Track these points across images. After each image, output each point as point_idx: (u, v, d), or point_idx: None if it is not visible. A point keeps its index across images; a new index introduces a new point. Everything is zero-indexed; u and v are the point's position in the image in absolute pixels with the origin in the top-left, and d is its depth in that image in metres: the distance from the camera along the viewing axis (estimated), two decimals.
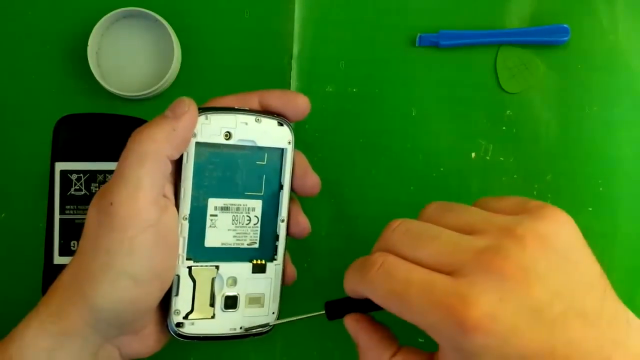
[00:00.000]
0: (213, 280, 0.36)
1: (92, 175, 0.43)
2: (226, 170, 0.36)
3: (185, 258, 0.35)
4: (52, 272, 0.43)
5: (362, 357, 0.34)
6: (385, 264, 0.30)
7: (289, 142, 0.37)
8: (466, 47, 0.45)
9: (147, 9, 0.43)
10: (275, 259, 0.38)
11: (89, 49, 0.43)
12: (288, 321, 0.37)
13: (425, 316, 0.28)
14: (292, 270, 0.40)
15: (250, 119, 0.36)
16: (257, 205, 0.37)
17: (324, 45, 0.45)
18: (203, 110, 0.35)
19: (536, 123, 0.45)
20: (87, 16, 0.44)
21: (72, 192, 0.43)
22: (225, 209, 0.36)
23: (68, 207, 0.43)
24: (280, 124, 0.36)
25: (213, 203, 0.36)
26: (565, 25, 0.44)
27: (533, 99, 0.45)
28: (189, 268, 0.35)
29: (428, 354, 0.32)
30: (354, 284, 0.33)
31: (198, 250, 0.36)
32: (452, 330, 0.27)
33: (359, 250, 0.43)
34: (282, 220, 0.38)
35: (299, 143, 0.38)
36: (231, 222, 0.36)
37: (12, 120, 0.45)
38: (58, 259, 0.43)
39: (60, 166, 0.43)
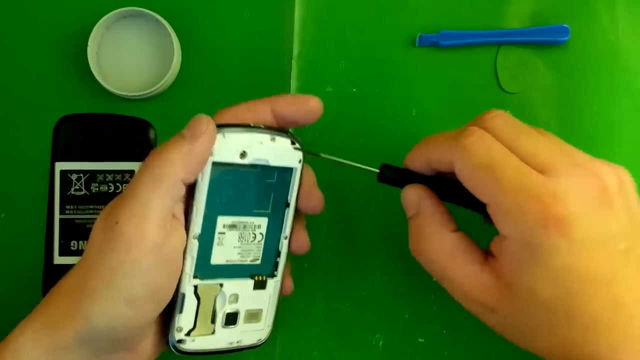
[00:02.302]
0: (216, 297, 0.36)
1: (92, 175, 0.43)
2: (237, 189, 0.35)
3: (192, 277, 0.34)
4: (52, 272, 0.43)
5: (418, 229, 0.34)
6: (485, 137, 0.31)
7: (300, 161, 0.36)
8: (466, 47, 0.45)
9: (147, 9, 0.43)
10: (275, 275, 0.38)
11: (89, 49, 0.43)
12: (335, 159, 0.36)
13: (512, 197, 0.29)
14: (289, 284, 0.39)
15: (265, 137, 0.34)
16: (263, 222, 0.36)
17: (324, 45, 0.45)
18: (220, 127, 0.33)
19: (536, 123, 0.44)
20: (87, 16, 0.44)
21: (72, 192, 0.43)
22: (233, 226, 0.35)
23: (68, 207, 0.43)
24: (293, 143, 0.36)
25: (222, 221, 0.35)
26: (565, 25, 0.44)
27: (533, 99, 0.45)
28: (195, 287, 0.35)
29: (480, 250, 0.32)
30: (440, 149, 0.32)
31: (204, 268, 0.35)
32: (534, 220, 0.28)
33: (359, 250, 0.44)
34: (285, 238, 0.37)
35: None
36: (237, 239, 0.36)
37: (12, 120, 0.45)
38: (58, 259, 0.43)
39: (60, 166, 0.43)
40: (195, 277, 0.34)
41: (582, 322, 0.28)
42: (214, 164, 0.33)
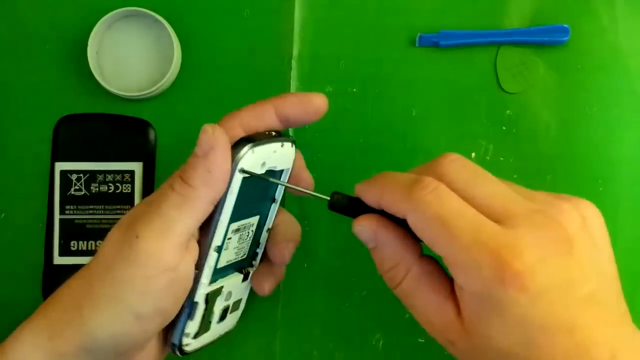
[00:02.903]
0: (217, 298, 0.36)
1: (92, 175, 0.43)
2: (247, 195, 0.34)
3: (207, 286, 0.34)
4: (52, 272, 0.43)
5: (380, 262, 0.32)
6: (439, 189, 0.29)
7: (293, 160, 0.37)
8: (466, 47, 0.45)
9: (147, 9, 0.43)
10: (253, 265, 0.38)
11: (89, 49, 0.43)
12: (295, 188, 0.36)
13: (466, 252, 0.28)
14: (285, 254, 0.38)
15: (277, 146, 0.35)
16: (255, 220, 0.37)
17: (324, 45, 0.45)
18: (248, 142, 0.33)
19: (536, 123, 0.45)
20: (87, 16, 0.44)
21: (72, 192, 0.43)
22: (237, 230, 0.35)
23: (68, 207, 0.43)
24: (292, 145, 0.36)
25: (232, 227, 0.35)
26: (565, 25, 0.44)
27: (533, 99, 0.45)
28: (207, 294, 0.35)
29: (447, 277, 0.31)
30: (393, 197, 0.31)
31: (214, 274, 0.35)
32: (490, 275, 0.27)
33: (359, 250, 0.44)
34: (267, 230, 0.38)
35: (299, 143, 0.38)
36: (237, 241, 0.36)
37: (12, 120, 0.45)
38: (58, 259, 0.43)
39: (60, 166, 0.43)
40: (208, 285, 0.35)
41: None
42: (245, 178, 0.33)
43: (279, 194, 0.37)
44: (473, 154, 0.44)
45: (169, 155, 0.44)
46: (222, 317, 0.37)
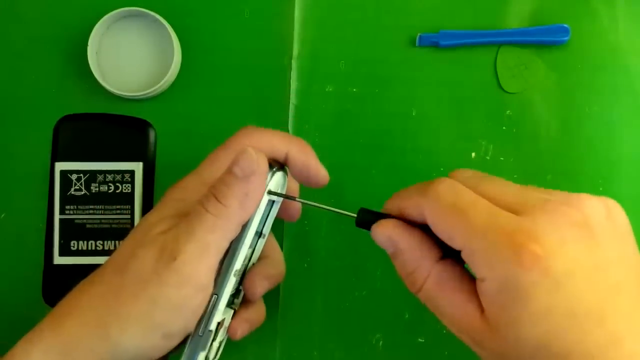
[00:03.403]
0: (220, 331, 0.35)
1: (92, 175, 0.43)
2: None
3: (222, 313, 0.34)
4: (52, 272, 0.43)
5: (401, 266, 0.32)
6: (454, 183, 0.30)
7: (285, 189, 0.37)
8: (466, 47, 0.45)
9: (147, 9, 0.43)
10: (235, 303, 0.35)
11: (89, 49, 0.43)
12: (321, 207, 0.35)
13: (482, 237, 0.28)
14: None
15: (284, 175, 0.36)
16: (250, 253, 0.36)
17: (324, 45, 0.45)
18: (280, 167, 0.34)
19: (536, 123, 0.45)
20: (87, 16, 0.44)
21: (72, 192, 0.43)
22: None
23: (68, 207, 0.43)
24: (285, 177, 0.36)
25: (248, 253, 0.35)
26: (565, 25, 0.44)
27: (533, 99, 0.45)
28: (218, 323, 0.34)
29: (469, 278, 0.31)
30: (410, 198, 0.31)
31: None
32: (509, 259, 0.27)
33: (359, 250, 0.44)
34: (252, 264, 0.37)
35: None
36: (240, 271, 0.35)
37: (12, 120, 0.45)
38: (58, 259, 0.43)
39: (60, 166, 0.43)
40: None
41: None
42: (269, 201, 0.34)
43: (266, 228, 0.37)
44: (473, 154, 0.44)
45: (169, 155, 0.44)
46: (216, 354, 0.35)
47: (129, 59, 0.45)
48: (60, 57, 0.45)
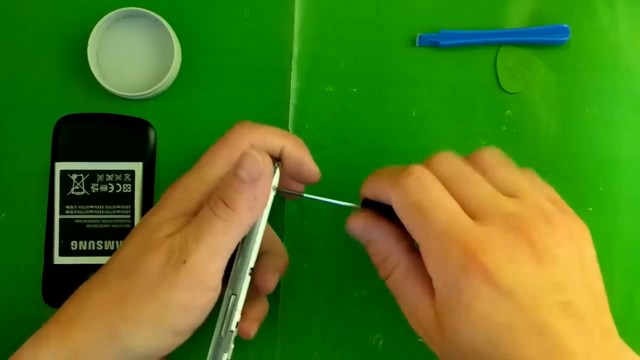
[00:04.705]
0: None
1: (92, 175, 0.43)
2: None
3: (240, 313, 0.33)
4: (52, 272, 0.43)
5: (373, 256, 0.34)
6: (423, 178, 0.31)
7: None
8: (466, 47, 0.45)
9: (147, 9, 0.43)
10: None
11: (89, 49, 0.43)
12: (317, 199, 0.37)
13: (438, 240, 0.29)
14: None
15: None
16: None
17: (324, 45, 0.45)
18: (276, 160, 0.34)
19: (536, 123, 0.45)
20: (87, 16, 0.44)
21: (72, 192, 0.43)
22: None
23: (68, 207, 0.43)
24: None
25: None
26: (565, 25, 0.44)
27: (533, 99, 0.45)
28: (237, 324, 0.34)
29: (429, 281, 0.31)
30: (382, 185, 0.32)
31: None
32: (457, 265, 0.28)
33: (359, 250, 0.44)
34: (251, 269, 0.36)
35: None
36: None
37: (12, 120, 0.45)
38: (58, 259, 0.43)
39: (60, 166, 0.43)
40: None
41: None
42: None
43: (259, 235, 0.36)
44: None
45: (169, 155, 0.44)
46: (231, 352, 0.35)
47: (129, 59, 0.45)
48: (60, 57, 0.45)
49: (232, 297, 0.33)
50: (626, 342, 0.30)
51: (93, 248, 0.43)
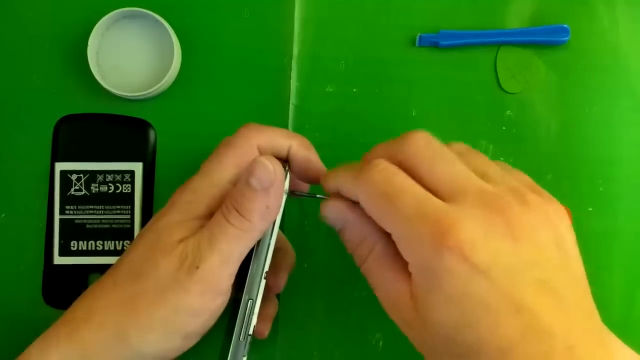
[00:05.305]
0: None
1: (92, 175, 0.43)
2: None
3: (256, 317, 0.33)
4: (52, 272, 0.43)
5: (346, 242, 0.34)
6: (388, 169, 0.30)
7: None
8: (466, 47, 0.45)
9: (147, 9, 0.43)
10: None
11: (89, 49, 0.43)
12: (302, 194, 0.37)
13: (409, 223, 0.28)
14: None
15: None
16: None
17: (324, 45, 0.45)
18: (284, 161, 0.35)
19: (536, 123, 0.45)
20: (87, 16, 0.44)
21: (72, 192, 0.43)
22: None
23: (68, 207, 0.43)
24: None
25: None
26: (565, 25, 0.44)
27: (533, 99, 0.45)
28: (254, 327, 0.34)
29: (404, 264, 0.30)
30: (344, 181, 0.32)
31: None
32: (430, 244, 0.27)
33: None
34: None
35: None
36: None
37: (12, 120, 0.45)
38: (58, 259, 0.43)
39: (60, 166, 0.43)
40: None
41: (487, 353, 0.27)
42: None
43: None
44: None
45: (169, 155, 0.44)
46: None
47: (129, 59, 0.45)
48: (60, 57, 0.45)
49: (249, 301, 0.33)
50: (626, 342, 0.30)
51: (93, 248, 0.43)
